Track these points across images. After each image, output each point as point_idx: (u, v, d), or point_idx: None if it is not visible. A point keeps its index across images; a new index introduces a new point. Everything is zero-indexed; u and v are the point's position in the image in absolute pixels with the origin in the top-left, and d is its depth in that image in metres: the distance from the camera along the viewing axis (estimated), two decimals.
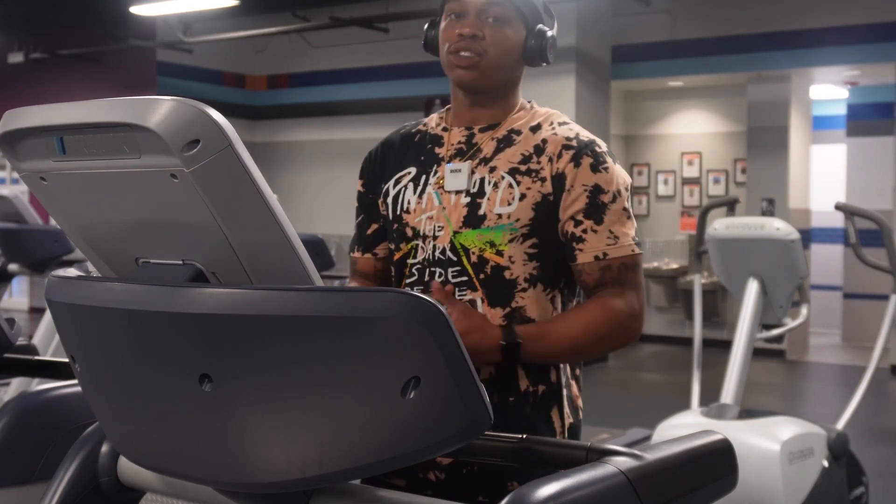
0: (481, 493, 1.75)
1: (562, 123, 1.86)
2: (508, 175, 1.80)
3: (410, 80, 11.28)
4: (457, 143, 1.87)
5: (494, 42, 1.80)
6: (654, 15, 9.88)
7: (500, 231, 1.78)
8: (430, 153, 1.89)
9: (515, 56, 1.84)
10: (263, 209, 0.96)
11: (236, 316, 0.90)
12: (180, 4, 9.59)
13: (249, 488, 1.03)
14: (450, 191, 1.82)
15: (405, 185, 1.88)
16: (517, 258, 1.78)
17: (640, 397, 8.36)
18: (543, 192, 1.78)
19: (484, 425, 0.93)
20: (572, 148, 1.79)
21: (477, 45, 1.80)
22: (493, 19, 1.80)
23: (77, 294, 1.02)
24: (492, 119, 1.87)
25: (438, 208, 1.83)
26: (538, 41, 1.84)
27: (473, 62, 1.80)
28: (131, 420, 1.05)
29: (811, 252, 10.27)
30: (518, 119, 1.87)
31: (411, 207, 1.86)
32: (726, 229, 4.25)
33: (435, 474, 1.77)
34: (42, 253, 4.60)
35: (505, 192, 1.79)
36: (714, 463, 1.16)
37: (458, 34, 1.81)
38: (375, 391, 0.90)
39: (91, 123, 0.96)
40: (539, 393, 1.79)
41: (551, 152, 1.80)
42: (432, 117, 1.97)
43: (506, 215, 1.78)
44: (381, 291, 0.90)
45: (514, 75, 1.87)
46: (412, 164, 1.90)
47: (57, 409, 1.72)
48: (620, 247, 1.77)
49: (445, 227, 1.81)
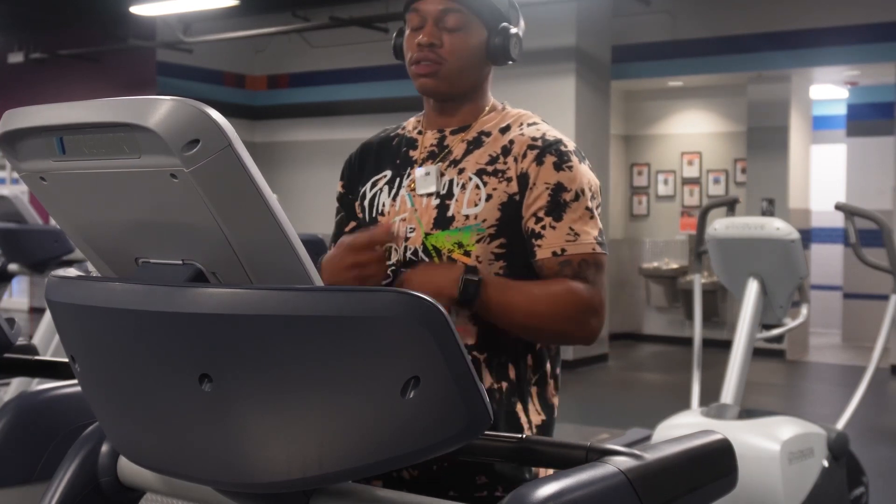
0: (452, 489, 1.76)
1: (531, 124, 1.88)
2: (476, 176, 1.82)
3: (410, 80, 11.27)
4: (429, 146, 1.90)
5: (453, 49, 1.83)
6: (654, 15, 9.88)
7: (468, 232, 1.79)
8: (405, 156, 1.92)
9: (478, 59, 1.86)
10: (263, 209, 0.96)
11: (236, 316, 0.90)
12: (180, 4, 9.59)
13: (249, 488, 1.04)
14: (421, 194, 1.85)
15: (380, 188, 1.91)
16: (484, 258, 1.79)
17: (640, 397, 8.37)
18: (509, 192, 1.80)
19: (484, 425, 0.94)
20: (537, 147, 1.81)
21: (435, 53, 1.83)
22: (451, 26, 1.82)
23: (77, 294, 1.02)
24: (462, 122, 1.90)
25: (410, 210, 1.85)
26: (501, 40, 1.85)
27: (433, 70, 1.84)
28: (131, 420, 1.05)
29: (811, 252, 10.27)
30: (488, 121, 1.89)
31: (385, 210, 1.89)
32: (726, 229, 4.25)
33: (409, 472, 1.78)
34: (42, 253, 4.61)
35: (472, 193, 1.81)
36: (714, 463, 1.16)
37: (417, 44, 1.84)
38: (375, 391, 0.90)
39: (91, 123, 0.96)
40: (503, 389, 1.79)
41: (517, 152, 1.82)
42: (410, 121, 2.00)
43: (473, 216, 1.80)
44: (381, 291, 0.90)
45: (479, 78, 1.89)
46: (388, 167, 1.93)
47: (57, 409, 1.72)
48: (580, 244, 1.77)
49: (417, 229, 1.83)
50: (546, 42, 8.62)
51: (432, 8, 1.83)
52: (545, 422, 1.84)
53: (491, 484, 1.76)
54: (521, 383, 1.81)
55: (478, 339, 1.79)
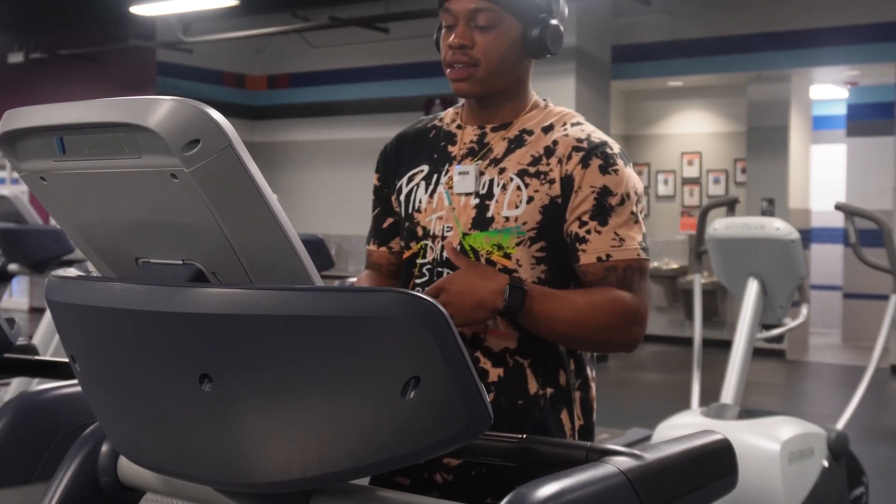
0: (489, 496, 1.73)
1: (575, 124, 1.83)
2: (517, 177, 1.78)
3: (410, 79, 11.28)
4: (469, 143, 1.85)
5: (486, 49, 1.76)
6: (654, 15, 9.88)
7: (508, 234, 1.75)
8: (443, 151, 1.87)
9: (514, 55, 1.79)
10: (263, 209, 0.96)
11: (236, 316, 0.90)
12: (180, 4, 9.59)
13: (249, 488, 1.03)
14: (459, 193, 1.81)
15: (417, 184, 1.87)
16: (524, 261, 1.76)
17: (640, 397, 8.36)
18: (552, 195, 1.75)
19: (484, 425, 0.93)
20: (582, 150, 1.76)
21: (467, 55, 1.77)
22: (483, 24, 1.76)
23: (77, 294, 1.02)
24: (503, 119, 1.85)
25: (448, 208, 1.81)
26: (539, 33, 1.78)
27: (467, 74, 1.78)
28: (131, 420, 1.05)
29: (811, 252, 10.27)
30: (531, 119, 1.84)
31: (422, 206, 1.84)
32: (726, 229, 4.24)
33: (442, 476, 1.76)
34: (42, 253, 4.61)
35: (512, 195, 1.77)
36: (714, 463, 1.16)
37: (448, 45, 1.78)
38: (375, 391, 0.90)
39: (91, 123, 0.96)
40: (548, 395, 1.77)
41: (561, 154, 1.77)
42: (448, 112, 1.94)
43: (513, 218, 1.76)
44: (382, 291, 0.90)
45: (517, 74, 1.83)
46: (425, 162, 1.88)
47: (57, 409, 1.72)
48: (626, 249, 1.74)
49: (455, 228, 1.79)
50: None
51: (463, 7, 1.76)
52: (583, 426, 1.81)
53: None
54: (568, 389, 1.79)
55: (518, 344, 1.76)
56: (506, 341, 1.76)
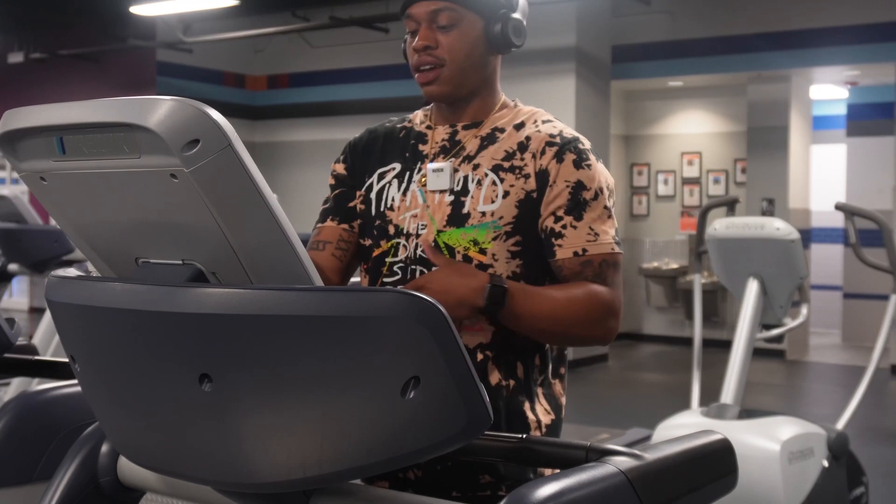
0: (455, 489, 1.75)
1: (546, 121, 1.85)
2: (492, 172, 1.79)
3: (410, 80, 11.16)
4: (441, 141, 1.86)
5: (450, 47, 1.79)
6: (654, 15, 9.88)
7: (484, 229, 1.77)
8: (415, 150, 1.88)
9: (479, 52, 1.82)
10: (263, 209, 0.96)
11: (236, 316, 0.90)
12: (180, 4, 9.59)
13: (249, 488, 1.03)
14: (433, 190, 1.82)
15: (389, 182, 1.88)
16: (500, 256, 1.77)
17: (640, 397, 8.36)
18: (527, 189, 1.77)
19: (484, 425, 0.93)
20: (556, 144, 1.79)
21: (432, 56, 1.79)
22: (444, 24, 1.79)
23: (77, 294, 1.02)
24: (473, 117, 1.87)
25: (423, 206, 1.82)
26: (501, 27, 1.81)
27: (435, 76, 1.80)
28: (131, 420, 1.05)
29: (811, 252, 10.27)
30: (501, 117, 1.86)
31: (395, 205, 1.85)
32: (726, 229, 4.24)
33: (414, 473, 1.77)
34: (42, 253, 4.61)
35: (488, 190, 1.78)
36: (714, 463, 1.16)
37: (414, 49, 1.81)
38: (375, 391, 0.90)
39: (91, 123, 0.96)
40: (510, 387, 1.78)
41: (535, 149, 1.79)
42: (417, 114, 1.96)
43: (489, 213, 1.77)
44: (382, 291, 0.90)
45: (485, 72, 1.85)
46: (397, 161, 1.89)
47: (57, 409, 1.72)
48: (600, 244, 1.76)
49: (429, 226, 1.80)
50: (546, 42, 8.62)
51: (423, 10, 1.80)
52: (554, 421, 1.83)
53: (494, 483, 1.76)
54: (528, 382, 1.80)
55: (492, 338, 1.77)
56: (480, 337, 1.77)
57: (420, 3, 1.80)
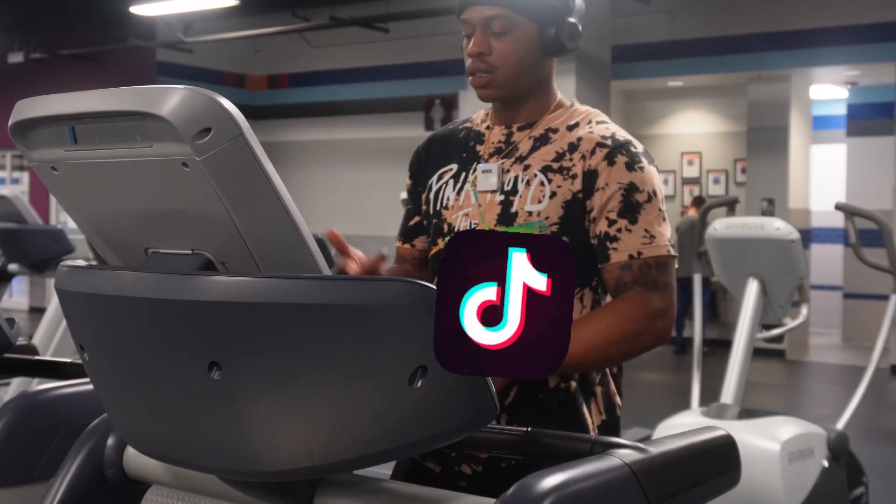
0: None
1: (600, 122, 1.85)
2: (541, 173, 1.80)
3: (410, 80, 11.29)
4: (496, 142, 1.88)
5: (503, 54, 1.80)
6: (654, 15, 9.88)
7: (531, 228, 1.78)
8: (472, 150, 1.90)
9: (533, 57, 1.82)
10: (274, 198, 0.96)
11: (245, 304, 0.90)
12: (180, 4, 9.60)
13: (256, 477, 1.04)
14: (483, 190, 1.84)
15: (446, 182, 1.91)
16: None
17: (640, 397, 8.36)
18: (573, 190, 1.78)
19: (490, 415, 0.94)
20: (606, 146, 1.79)
21: (485, 62, 1.81)
22: (498, 31, 1.79)
23: (86, 283, 1.02)
24: (528, 118, 1.88)
25: (474, 206, 1.84)
26: (555, 32, 1.81)
27: (486, 81, 1.82)
28: (139, 409, 1.05)
29: (811, 252, 10.27)
30: (556, 118, 1.87)
31: (450, 204, 1.88)
32: (726, 229, 4.25)
33: (471, 467, 1.78)
34: (42, 253, 4.61)
35: (536, 190, 1.79)
36: (718, 458, 1.16)
37: (468, 54, 1.83)
38: (383, 380, 0.90)
39: (103, 112, 0.96)
40: (570, 389, 1.79)
41: (585, 150, 1.79)
42: (479, 114, 1.99)
43: (536, 213, 1.78)
44: (389, 280, 0.90)
45: (539, 75, 1.86)
46: (454, 161, 1.92)
47: (57, 409, 1.71)
48: (656, 246, 1.76)
49: (480, 225, 1.82)
50: None
51: (477, 16, 1.80)
52: (605, 422, 1.83)
53: None
54: (587, 383, 1.81)
55: None
56: None
57: (475, 7, 1.80)
